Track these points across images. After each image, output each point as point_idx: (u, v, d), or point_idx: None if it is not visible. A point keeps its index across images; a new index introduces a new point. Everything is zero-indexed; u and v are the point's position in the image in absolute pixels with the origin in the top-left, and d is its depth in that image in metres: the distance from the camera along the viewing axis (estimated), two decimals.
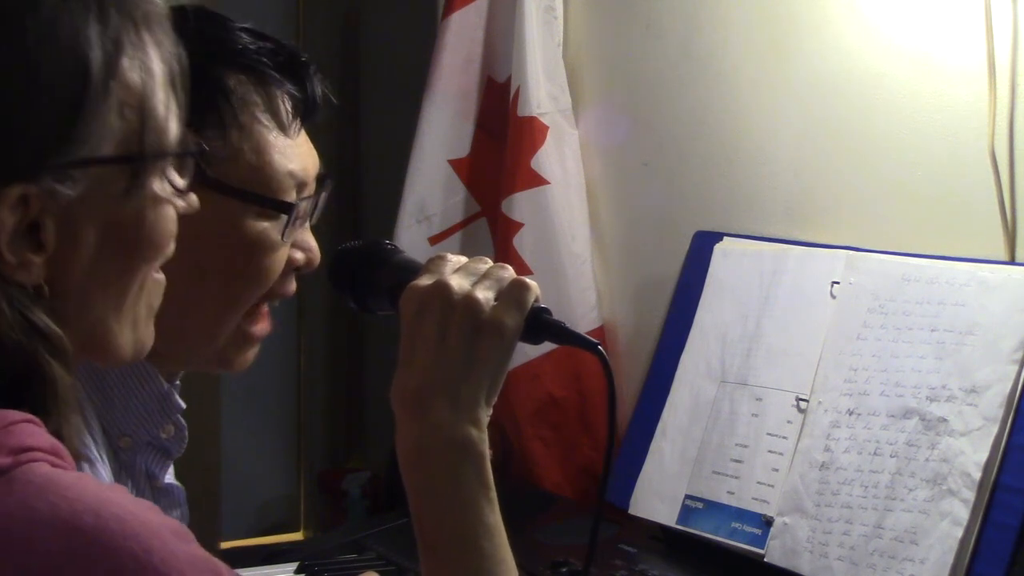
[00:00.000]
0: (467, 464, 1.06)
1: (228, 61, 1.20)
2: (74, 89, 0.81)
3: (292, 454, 3.32)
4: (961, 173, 1.77)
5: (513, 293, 1.08)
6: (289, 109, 1.23)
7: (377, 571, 1.61)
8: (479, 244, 2.39)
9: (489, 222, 2.38)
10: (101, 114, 0.82)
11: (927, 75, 1.80)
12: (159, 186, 0.87)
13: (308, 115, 1.25)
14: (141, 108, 0.85)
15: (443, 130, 2.36)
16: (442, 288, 1.07)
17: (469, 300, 1.07)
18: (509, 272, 1.10)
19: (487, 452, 1.08)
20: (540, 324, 1.10)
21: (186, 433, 1.27)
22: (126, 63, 0.84)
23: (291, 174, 1.22)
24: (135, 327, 0.90)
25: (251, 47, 1.22)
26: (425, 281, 1.09)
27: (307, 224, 1.28)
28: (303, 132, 1.27)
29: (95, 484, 0.77)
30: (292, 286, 1.30)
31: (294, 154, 1.23)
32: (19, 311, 0.80)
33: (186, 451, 1.29)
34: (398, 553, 1.83)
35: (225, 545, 2.48)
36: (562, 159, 2.27)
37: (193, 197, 0.93)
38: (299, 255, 1.27)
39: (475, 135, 2.38)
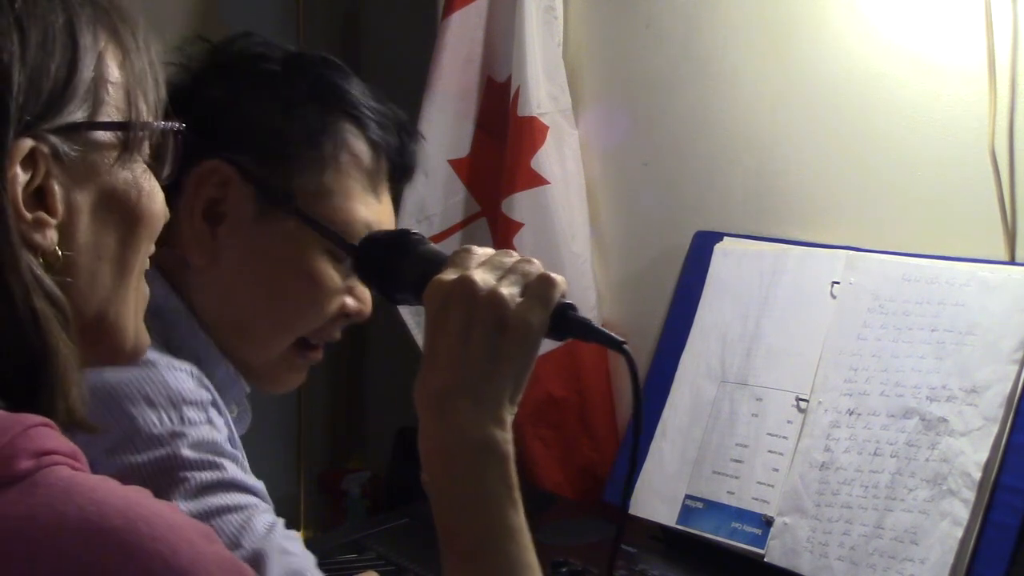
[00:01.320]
0: (491, 465, 1.03)
1: (343, 109, 1.29)
2: (66, 54, 0.85)
3: (292, 454, 3.32)
4: (961, 173, 1.77)
5: (539, 289, 1.06)
6: (383, 169, 1.31)
7: (377, 571, 1.61)
8: (479, 244, 2.38)
9: (489, 222, 2.38)
10: (91, 83, 0.86)
11: (927, 75, 1.80)
12: (146, 168, 0.91)
13: (400, 179, 1.33)
14: (127, 83, 0.89)
15: (443, 130, 2.36)
16: (466, 283, 1.05)
17: (494, 296, 1.04)
18: (536, 267, 1.08)
19: (511, 452, 1.05)
20: (565, 321, 1.08)
21: (249, 415, 1.37)
22: (113, 41, 0.89)
23: (368, 226, 1.29)
24: (136, 317, 0.92)
25: (364, 103, 1.30)
26: (450, 275, 1.07)
27: None
28: (388, 195, 1.34)
29: (119, 486, 0.77)
30: (338, 333, 1.38)
31: (375, 210, 1.31)
32: (34, 275, 0.81)
33: None
34: (398, 553, 1.84)
35: None
36: (562, 159, 2.27)
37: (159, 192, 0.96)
38: (352, 303, 1.33)
39: (475, 135, 2.37)
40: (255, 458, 1.33)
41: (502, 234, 2.28)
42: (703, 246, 2.03)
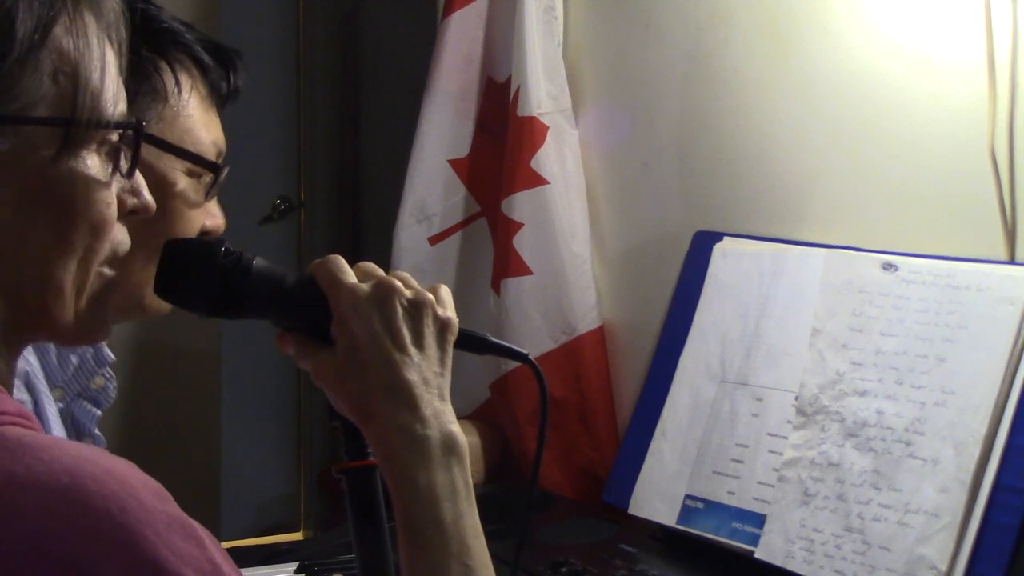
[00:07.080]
0: (455, 459, 1.08)
1: (171, 40, 1.36)
2: None
3: (292, 454, 3.33)
4: (961, 173, 1.77)
5: (444, 294, 1.12)
6: (212, 89, 1.40)
7: None
8: (479, 244, 2.39)
9: (489, 222, 2.38)
10: (31, 75, 0.82)
11: (927, 74, 1.79)
12: (96, 165, 0.86)
13: (228, 100, 1.41)
14: (75, 75, 0.84)
15: (443, 130, 2.37)
16: (395, 288, 1.08)
17: (425, 297, 1.09)
18: (407, 276, 1.12)
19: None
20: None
21: (114, 385, 1.39)
22: (60, 30, 0.83)
23: (214, 143, 1.38)
24: (76, 307, 0.88)
25: (188, 34, 1.38)
26: (356, 282, 1.08)
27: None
28: (217, 115, 1.43)
29: (70, 444, 0.77)
30: None
31: (215, 127, 1.39)
32: None
33: (186, 451, 1.31)
34: (397, 553, 1.83)
35: (225, 545, 2.47)
36: (562, 159, 2.27)
37: (147, 197, 0.94)
38: (209, 222, 1.40)
39: (475, 135, 2.38)
40: (255, 458, 1.33)
41: (502, 234, 2.29)
42: (703, 246, 2.03)
